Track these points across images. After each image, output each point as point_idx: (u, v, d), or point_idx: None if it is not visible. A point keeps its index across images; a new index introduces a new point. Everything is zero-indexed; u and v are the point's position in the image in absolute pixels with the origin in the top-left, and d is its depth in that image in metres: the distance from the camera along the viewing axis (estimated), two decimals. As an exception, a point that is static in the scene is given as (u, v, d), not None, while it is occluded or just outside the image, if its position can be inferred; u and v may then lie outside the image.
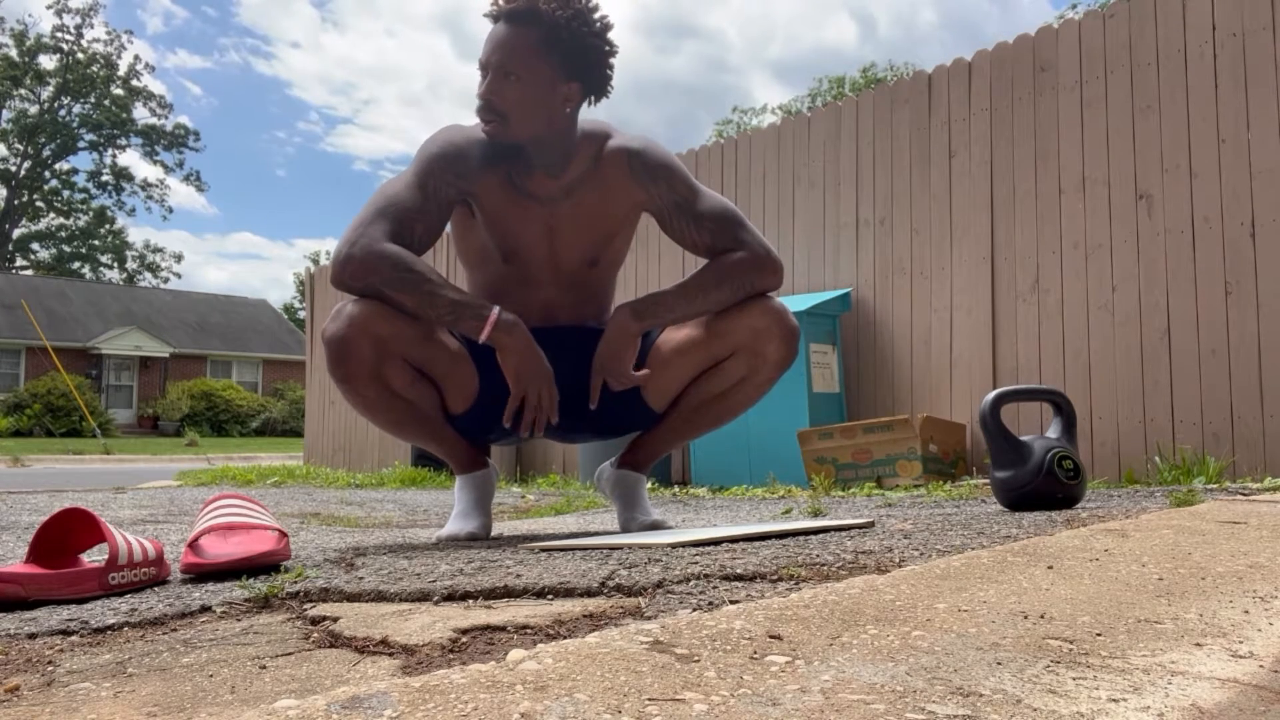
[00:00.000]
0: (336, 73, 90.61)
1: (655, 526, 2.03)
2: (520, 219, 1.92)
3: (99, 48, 39.04)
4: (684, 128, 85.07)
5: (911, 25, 78.05)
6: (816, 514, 2.43)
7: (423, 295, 1.75)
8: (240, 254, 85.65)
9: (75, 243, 41.70)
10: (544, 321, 1.97)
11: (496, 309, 1.77)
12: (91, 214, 41.50)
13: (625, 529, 2.06)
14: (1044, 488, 2.05)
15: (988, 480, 2.53)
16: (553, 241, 1.94)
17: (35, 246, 41.52)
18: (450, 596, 1.19)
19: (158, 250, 44.62)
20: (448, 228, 1.95)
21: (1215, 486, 2.89)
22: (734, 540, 1.60)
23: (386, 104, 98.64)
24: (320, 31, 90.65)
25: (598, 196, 1.93)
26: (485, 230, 1.94)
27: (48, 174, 40.26)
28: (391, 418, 1.88)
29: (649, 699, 0.62)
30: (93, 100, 38.85)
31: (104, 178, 41.41)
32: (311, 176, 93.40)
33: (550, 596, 1.18)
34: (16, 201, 38.92)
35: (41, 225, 41.13)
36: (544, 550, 1.60)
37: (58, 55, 38.18)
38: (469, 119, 1.94)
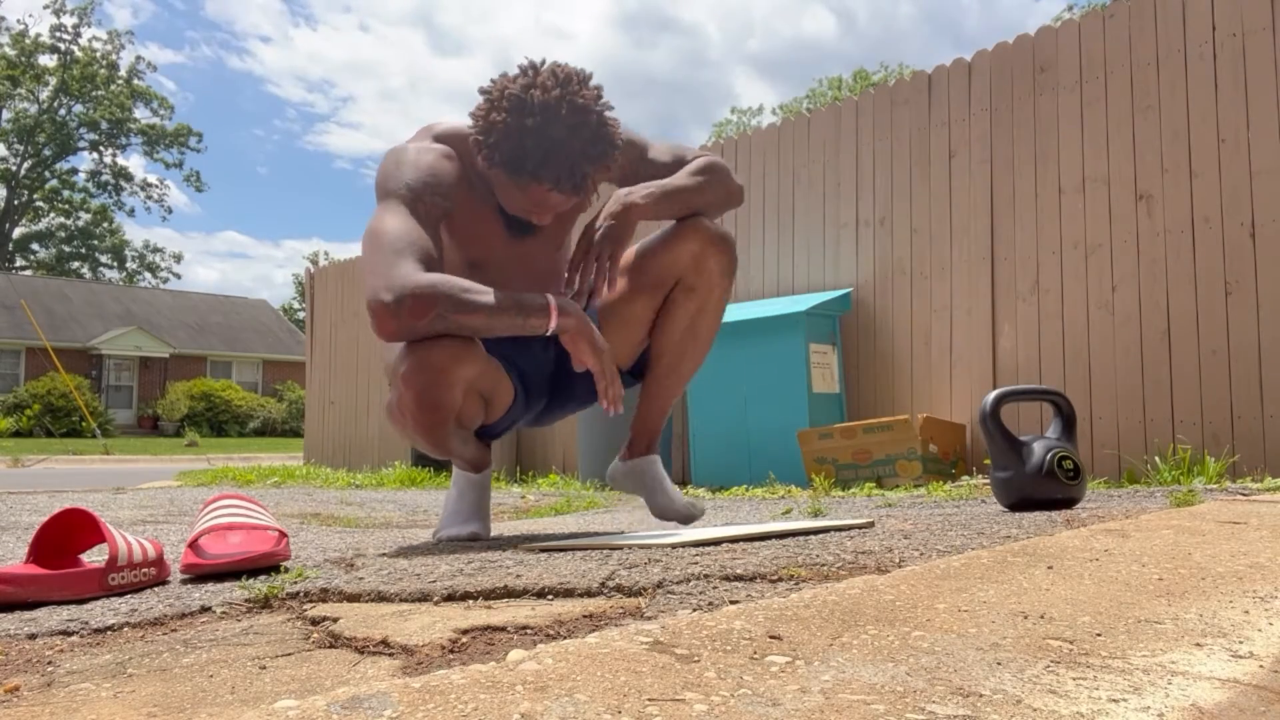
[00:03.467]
0: (311, 69, 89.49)
1: (690, 512, 2.07)
2: (490, 232, 1.90)
3: (99, 46, 39.11)
4: (666, 126, 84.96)
5: (891, 19, 78.21)
6: (816, 514, 2.43)
7: (486, 309, 1.68)
8: (228, 253, 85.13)
9: (75, 243, 41.71)
10: None
11: (551, 297, 1.73)
12: (91, 214, 41.51)
13: (662, 516, 2.09)
14: (1044, 488, 2.05)
15: (988, 480, 2.53)
16: (523, 242, 1.94)
17: (35, 246, 41.58)
18: (450, 597, 1.19)
19: (157, 250, 44.71)
20: None
21: (1215, 487, 2.89)
22: (734, 540, 1.60)
23: (365, 101, 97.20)
24: (290, 26, 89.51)
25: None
26: (451, 240, 1.89)
27: (48, 174, 40.28)
28: (439, 438, 1.82)
29: (649, 699, 0.62)
30: (93, 100, 38.87)
31: (104, 178, 41.46)
32: (293, 175, 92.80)
33: (550, 597, 1.18)
34: (16, 201, 38.93)
35: (41, 225, 41.18)
36: (544, 550, 1.60)
37: (56, 55, 38.21)
38: (451, 116, 1.92)
